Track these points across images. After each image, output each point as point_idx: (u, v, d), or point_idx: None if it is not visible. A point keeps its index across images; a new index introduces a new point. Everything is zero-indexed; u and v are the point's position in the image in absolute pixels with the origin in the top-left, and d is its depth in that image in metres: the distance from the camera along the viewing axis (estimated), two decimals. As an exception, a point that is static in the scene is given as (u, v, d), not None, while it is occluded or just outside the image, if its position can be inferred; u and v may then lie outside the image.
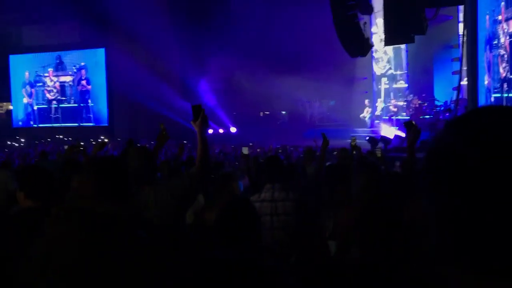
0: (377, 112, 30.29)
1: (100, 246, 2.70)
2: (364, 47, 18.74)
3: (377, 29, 26.56)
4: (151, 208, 4.11)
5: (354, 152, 10.01)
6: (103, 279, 2.66)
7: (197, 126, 4.50)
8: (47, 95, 39.68)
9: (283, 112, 34.97)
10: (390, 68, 30.69)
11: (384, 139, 19.97)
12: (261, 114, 35.50)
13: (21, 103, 40.63)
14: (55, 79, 39.62)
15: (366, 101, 30.58)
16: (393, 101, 29.29)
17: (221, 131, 34.07)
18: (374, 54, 30.50)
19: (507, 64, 13.87)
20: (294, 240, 5.09)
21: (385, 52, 30.74)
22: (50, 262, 2.69)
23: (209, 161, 4.58)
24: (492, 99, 14.36)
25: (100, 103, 38.75)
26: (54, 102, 39.62)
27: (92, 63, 38.88)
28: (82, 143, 15.05)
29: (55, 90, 39.52)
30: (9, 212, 4.18)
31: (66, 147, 17.95)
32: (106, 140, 8.27)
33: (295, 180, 6.98)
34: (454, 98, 21.30)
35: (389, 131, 26.12)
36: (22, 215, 3.75)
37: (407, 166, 6.88)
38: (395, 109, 28.75)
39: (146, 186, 4.31)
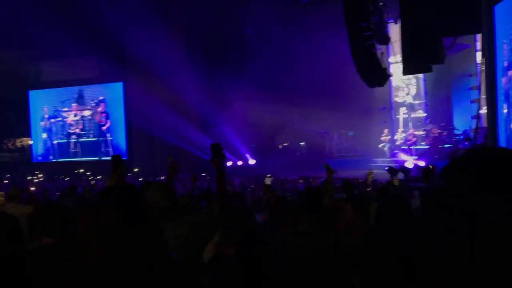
0: (397, 142, 30.16)
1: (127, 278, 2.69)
2: (381, 77, 18.76)
3: (395, 59, 26.58)
4: (170, 243, 4.08)
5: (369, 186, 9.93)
6: None
7: (215, 164, 4.47)
8: (69, 129, 39.90)
9: (302, 143, 34.91)
10: (407, 98, 30.64)
11: (404, 169, 19.83)
12: (280, 146, 35.46)
13: (40, 138, 40.91)
14: (79, 113, 39.88)
15: (385, 131, 30.45)
16: (412, 131, 29.17)
17: (240, 163, 34.06)
18: (392, 83, 30.50)
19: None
20: (333, 273, 5.02)
21: (403, 82, 30.73)
22: None
23: (227, 198, 4.56)
24: (512, 127, 14.24)
25: (118, 137, 38.91)
26: (74, 136, 39.85)
27: (111, 97, 39.12)
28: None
29: (75, 125, 39.76)
30: (28, 248, 4.16)
31: (93, 183, 18.01)
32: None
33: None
34: (474, 126, 21.20)
35: (408, 161, 25.96)
36: (40, 252, 3.75)
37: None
38: (414, 139, 28.63)
39: (166, 221, 4.28)
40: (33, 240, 4.31)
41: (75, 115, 39.94)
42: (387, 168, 18.14)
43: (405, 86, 30.88)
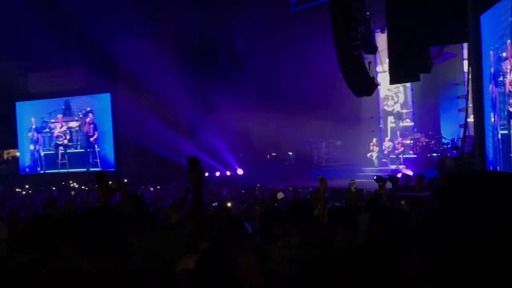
0: (385, 151, 30.20)
1: None
2: (369, 86, 18.78)
3: (382, 68, 26.64)
4: (139, 258, 4.04)
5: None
6: None
7: (192, 178, 4.46)
8: (56, 141, 39.77)
9: (290, 153, 34.89)
10: (396, 106, 30.72)
11: (392, 178, 19.85)
12: (268, 156, 35.44)
13: (27, 149, 40.75)
14: (65, 124, 39.78)
15: (374, 140, 30.45)
16: (399, 140, 29.21)
17: (228, 173, 34.03)
18: (383, 94, 30.59)
19: (514, 101, 13.84)
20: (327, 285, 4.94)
21: (391, 91, 30.80)
22: None
23: (203, 213, 4.51)
24: (499, 136, 14.29)
25: (106, 148, 38.82)
26: (61, 147, 39.72)
27: (98, 108, 39.04)
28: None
29: (63, 136, 39.65)
30: (9, 263, 4.12)
31: (72, 193, 17.97)
32: (114, 186, 8.11)
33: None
34: (461, 135, 21.28)
35: (396, 170, 26.00)
36: (21, 268, 3.72)
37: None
38: (402, 148, 28.67)
39: (135, 236, 4.26)
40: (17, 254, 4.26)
41: (61, 126, 39.81)
42: (375, 177, 18.17)
43: (393, 95, 30.97)
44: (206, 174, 31.13)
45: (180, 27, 33.53)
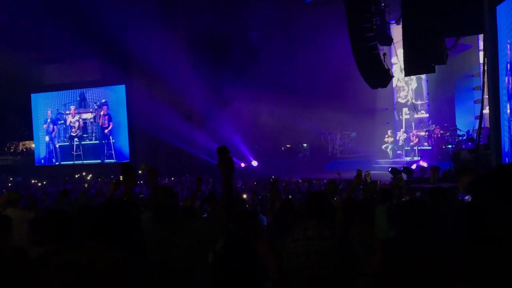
0: (399, 143, 30.11)
1: None
2: (384, 78, 18.68)
3: (397, 60, 26.51)
4: (169, 249, 4.04)
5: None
6: None
7: (222, 168, 4.41)
8: (71, 132, 39.89)
9: (305, 145, 34.86)
10: (411, 98, 30.60)
11: (407, 170, 19.79)
12: (283, 147, 35.42)
13: (43, 141, 40.91)
14: (77, 116, 39.88)
15: (389, 132, 30.36)
16: (414, 131, 29.11)
17: (242, 165, 34.01)
18: (394, 84, 30.45)
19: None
20: (343, 278, 4.91)
21: (405, 82, 30.70)
22: None
23: (234, 203, 4.49)
24: (515, 128, 14.18)
25: (121, 140, 38.90)
26: (76, 139, 39.85)
27: (113, 100, 39.10)
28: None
29: (77, 127, 39.75)
30: (29, 253, 4.14)
31: (86, 185, 18.00)
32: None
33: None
34: (477, 127, 21.15)
35: (411, 162, 25.91)
36: (44, 258, 3.74)
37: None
38: (417, 140, 28.57)
39: (166, 226, 4.28)
40: (33, 245, 4.28)
41: (73, 117, 39.91)
42: (390, 169, 18.13)
43: (404, 85, 30.89)
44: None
45: (194, 19, 33.53)
